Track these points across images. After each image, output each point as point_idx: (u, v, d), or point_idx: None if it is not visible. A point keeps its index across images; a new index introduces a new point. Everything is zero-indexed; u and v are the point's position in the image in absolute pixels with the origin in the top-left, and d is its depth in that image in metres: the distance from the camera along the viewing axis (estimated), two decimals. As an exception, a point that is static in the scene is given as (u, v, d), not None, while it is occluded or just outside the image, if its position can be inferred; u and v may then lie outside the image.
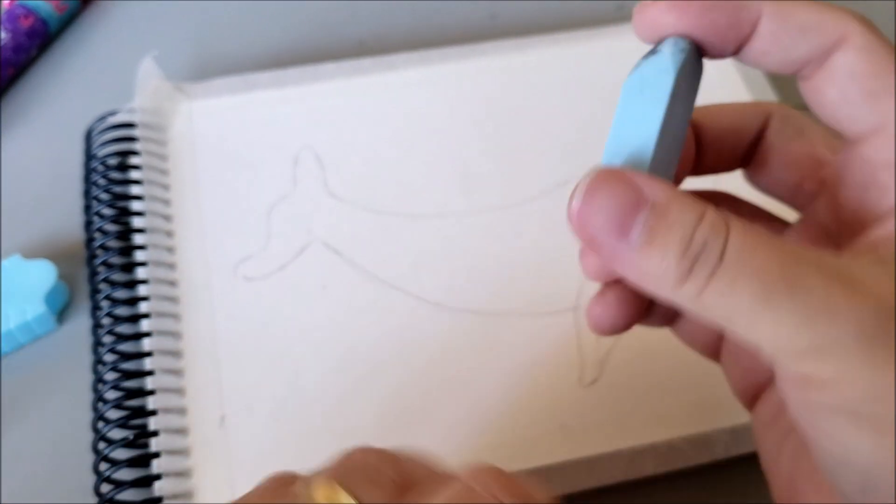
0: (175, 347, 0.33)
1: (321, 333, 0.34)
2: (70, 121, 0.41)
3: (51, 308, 0.35)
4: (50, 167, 0.40)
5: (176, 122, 0.40)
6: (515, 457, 0.31)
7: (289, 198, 0.37)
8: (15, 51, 0.42)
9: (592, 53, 0.43)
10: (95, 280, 0.34)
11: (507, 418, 0.32)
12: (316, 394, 0.33)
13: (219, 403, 0.32)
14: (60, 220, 0.38)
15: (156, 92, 0.40)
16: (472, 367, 0.33)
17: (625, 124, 0.20)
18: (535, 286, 0.35)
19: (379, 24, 0.47)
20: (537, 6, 0.48)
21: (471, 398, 0.33)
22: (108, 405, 0.31)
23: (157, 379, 0.32)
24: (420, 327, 0.34)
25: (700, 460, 0.32)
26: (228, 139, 0.39)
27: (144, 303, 0.34)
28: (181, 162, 0.38)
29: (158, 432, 0.31)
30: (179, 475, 0.31)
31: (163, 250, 0.36)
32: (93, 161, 0.38)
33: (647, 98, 0.19)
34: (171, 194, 0.37)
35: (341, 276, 0.35)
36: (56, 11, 0.44)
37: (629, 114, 0.20)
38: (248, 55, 0.45)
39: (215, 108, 0.40)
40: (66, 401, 0.34)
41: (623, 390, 0.33)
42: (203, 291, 0.35)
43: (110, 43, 0.46)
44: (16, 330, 0.34)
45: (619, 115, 0.20)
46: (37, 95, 0.43)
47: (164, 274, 0.35)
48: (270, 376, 0.33)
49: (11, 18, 0.43)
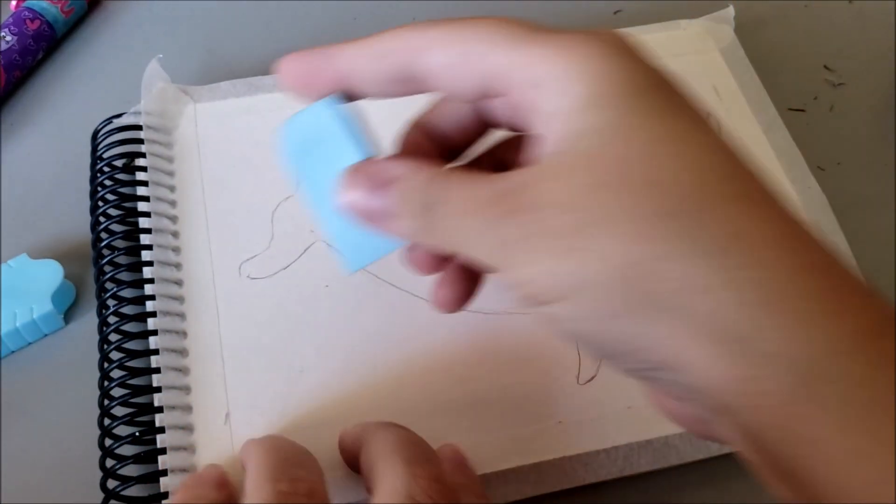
0: (181, 346, 0.34)
1: (324, 332, 0.34)
2: (76, 123, 0.42)
3: (57, 307, 0.36)
4: (56, 169, 0.41)
5: (181, 124, 0.40)
6: (513, 453, 0.32)
7: (293, 198, 0.38)
8: (21, 54, 0.43)
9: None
10: (102, 279, 0.35)
11: (506, 415, 0.33)
12: (319, 391, 0.33)
13: (224, 401, 0.33)
14: (67, 220, 0.39)
15: (161, 94, 0.40)
16: (472, 364, 0.34)
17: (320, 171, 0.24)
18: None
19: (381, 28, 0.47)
20: (534, 9, 0.49)
21: (470, 395, 0.33)
22: (115, 402, 0.32)
23: (164, 376, 0.33)
24: (421, 326, 0.35)
25: (695, 456, 0.33)
26: (233, 141, 0.40)
27: (151, 301, 0.34)
28: (187, 163, 0.39)
29: (165, 428, 0.31)
30: (186, 471, 0.31)
31: (168, 250, 0.36)
32: (99, 162, 0.38)
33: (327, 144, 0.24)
34: (176, 195, 0.38)
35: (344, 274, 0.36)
36: (62, 14, 0.45)
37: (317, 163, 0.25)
38: (252, 58, 0.45)
39: (220, 110, 0.41)
40: (72, 398, 0.34)
41: (619, 388, 0.34)
42: (208, 291, 0.35)
43: (116, 46, 0.46)
44: (23, 329, 0.35)
45: (305, 169, 0.25)
46: (44, 98, 0.44)
47: (170, 273, 0.35)
48: (274, 374, 0.33)
49: (18, 21, 0.43)
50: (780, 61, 0.47)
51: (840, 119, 0.45)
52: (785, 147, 0.41)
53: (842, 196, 0.41)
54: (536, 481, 0.32)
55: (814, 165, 0.41)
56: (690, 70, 0.44)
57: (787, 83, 0.46)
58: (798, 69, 0.47)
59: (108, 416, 0.32)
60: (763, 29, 0.48)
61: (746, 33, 0.46)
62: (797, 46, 0.48)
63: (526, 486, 0.31)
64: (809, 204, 0.39)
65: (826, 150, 0.44)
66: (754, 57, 0.45)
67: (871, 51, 0.48)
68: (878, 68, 0.47)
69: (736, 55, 0.45)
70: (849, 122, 0.45)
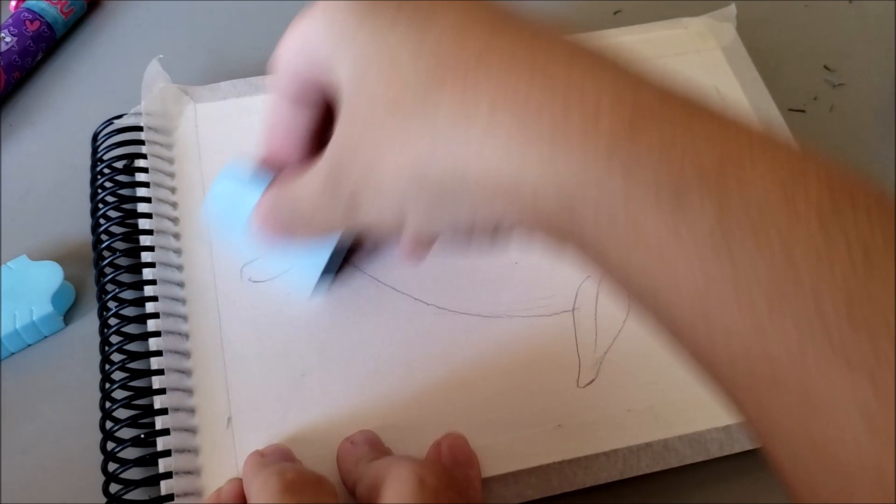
0: (184, 348, 0.34)
1: (325, 337, 0.34)
2: (76, 124, 0.42)
3: (57, 309, 0.36)
4: (56, 170, 0.41)
5: (182, 125, 0.40)
6: (514, 456, 0.32)
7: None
8: (21, 55, 0.43)
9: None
10: (103, 281, 0.35)
11: (506, 418, 0.33)
12: (320, 395, 0.33)
13: (226, 404, 0.33)
14: (66, 222, 0.39)
15: (162, 95, 0.40)
16: (473, 367, 0.34)
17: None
18: (533, 288, 0.36)
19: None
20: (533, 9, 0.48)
21: (471, 398, 0.33)
22: (117, 404, 0.32)
23: (168, 378, 0.33)
24: (421, 329, 0.35)
25: (694, 459, 0.33)
26: (234, 142, 0.39)
27: (153, 303, 0.34)
28: (187, 164, 0.39)
29: (169, 431, 0.31)
30: (190, 473, 0.31)
31: (170, 252, 0.36)
32: (99, 164, 0.38)
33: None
34: (177, 196, 0.38)
35: (344, 278, 0.36)
36: (62, 15, 0.45)
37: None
38: (252, 58, 0.45)
39: (221, 110, 0.41)
40: (72, 400, 0.34)
41: (619, 391, 0.34)
42: (210, 293, 0.35)
43: (116, 46, 0.46)
44: (22, 330, 0.35)
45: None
46: (43, 99, 0.43)
47: (173, 275, 0.35)
48: (276, 378, 0.33)
49: (17, 22, 0.43)
50: (779, 61, 0.47)
51: (840, 119, 0.45)
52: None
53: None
54: (537, 485, 0.32)
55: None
56: (692, 69, 0.44)
57: (787, 83, 0.46)
58: (798, 69, 0.47)
59: (109, 419, 0.32)
60: (762, 29, 0.48)
61: (746, 34, 0.46)
62: (797, 46, 0.48)
63: (527, 489, 0.32)
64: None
65: (826, 151, 0.44)
66: (753, 57, 0.45)
67: (871, 51, 0.48)
68: (878, 68, 0.47)
69: (738, 53, 0.45)
70: (849, 123, 0.45)
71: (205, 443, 0.32)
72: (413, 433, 0.32)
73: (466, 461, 0.31)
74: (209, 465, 0.32)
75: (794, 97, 0.46)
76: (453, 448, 0.31)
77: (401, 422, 0.33)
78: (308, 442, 0.32)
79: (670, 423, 0.33)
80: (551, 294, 0.36)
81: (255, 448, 0.31)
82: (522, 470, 0.32)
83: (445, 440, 0.31)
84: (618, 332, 0.35)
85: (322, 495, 0.27)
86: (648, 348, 0.35)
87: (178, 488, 0.30)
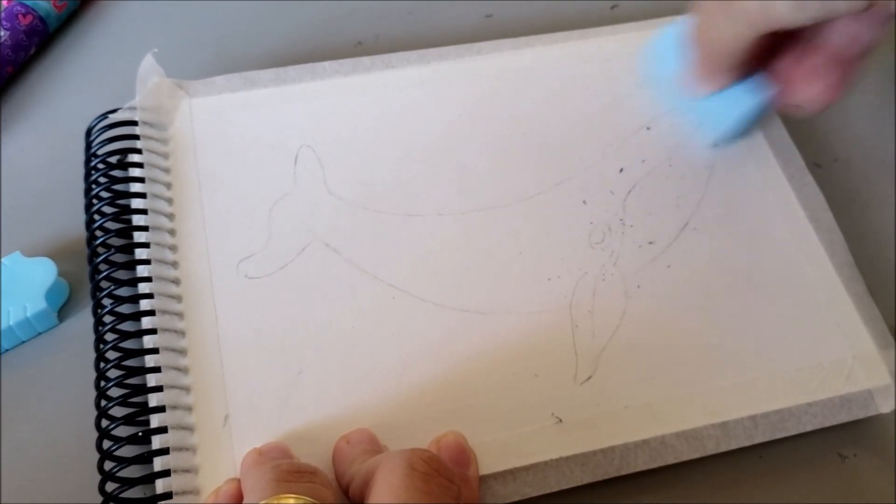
0: (180, 345, 0.34)
1: (322, 332, 0.34)
2: (70, 119, 0.42)
3: (51, 305, 0.35)
4: (50, 165, 0.40)
5: (176, 120, 0.40)
6: (511, 453, 0.32)
7: (290, 196, 0.38)
8: (14, 49, 0.42)
9: (587, 53, 0.43)
10: (97, 277, 0.35)
11: (503, 416, 0.33)
12: (317, 392, 0.33)
13: (223, 402, 0.33)
14: (60, 218, 0.39)
15: (156, 89, 0.40)
16: (470, 364, 0.34)
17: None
18: (531, 284, 0.36)
19: (376, 24, 0.47)
20: (532, 6, 0.48)
21: (468, 395, 0.33)
22: (113, 402, 0.32)
23: (165, 375, 0.32)
24: (418, 325, 0.35)
25: (691, 455, 0.33)
26: (229, 137, 0.39)
27: (148, 300, 0.34)
28: (182, 160, 0.39)
29: (167, 429, 0.31)
30: (187, 472, 0.31)
31: (165, 248, 0.36)
32: (94, 159, 0.38)
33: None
34: (172, 192, 0.38)
35: (341, 274, 0.36)
36: (55, 9, 0.44)
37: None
38: (247, 53, 0.45)
39: (216, 105, 0.40)
40: (67, 397, 0.34)
41: (616, 387, 0.34)
42: (206, 290, 0.35)
43: (110, 41, 0.46)
44: (16, 327, 0.35)
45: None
46: (37, 94, 0.43)
47: (168, 272, 0.35)
48: (272, 375, 0.33)
49: (10, 16, 0.43)
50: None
51: (837, 115, 0.45)
52: (781, 143, 0.41)
53: (839, 193, 0.41)
54: (534, 482, 0.32)
55: (811, 162, 0.41)
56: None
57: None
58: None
59: (105, 417, 0.32)
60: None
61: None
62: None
63: (524, 486, 0.32)
64: (806, 201, 0.39)
65: (823, 147, 0.44)
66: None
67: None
68: (876, 65, 0.47)
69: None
70: (846, 118, 0.45)
71: (202, 441, 0.32)
72: (411, 430, 0.32)
73: (464, 459, 0.31)
74: (206, 463, 0.31)
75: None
76: (451, 446, 0.31)
77: (398, 419, 0.33)
78: (305, 440, 0.32)
79: (667, 420, 0.33)
80: (548, 290, 0.36)
81: (252, 446, 0.31)
82: (520, 467, 0.32)
83: (444, 438, 0.31)
84: (615, 328, 0.35)
85: (317, 484, 0.27)
86: (646, 345, 0.35)
87: (176, 486, 0.30)
